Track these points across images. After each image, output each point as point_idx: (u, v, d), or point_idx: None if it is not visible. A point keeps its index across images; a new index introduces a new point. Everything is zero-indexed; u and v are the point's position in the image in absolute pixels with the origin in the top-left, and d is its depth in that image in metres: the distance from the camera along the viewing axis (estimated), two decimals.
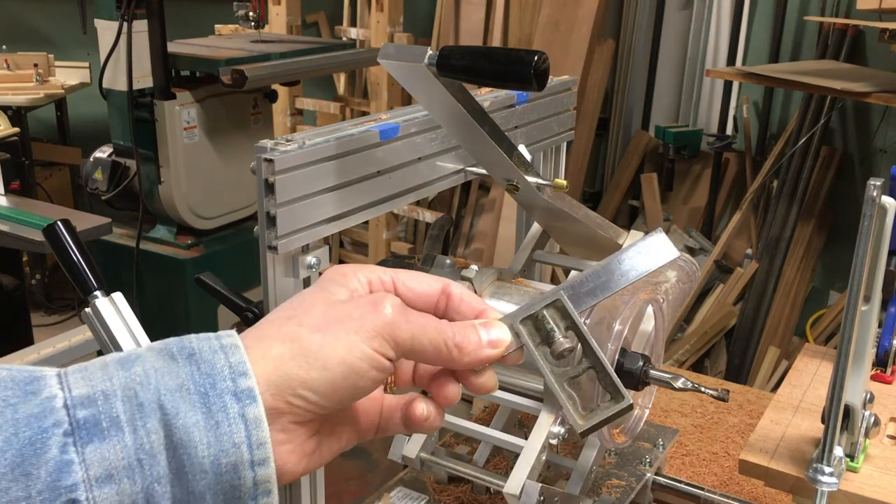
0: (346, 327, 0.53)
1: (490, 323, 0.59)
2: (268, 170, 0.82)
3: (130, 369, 0.49)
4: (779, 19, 3.85)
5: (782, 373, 3.58)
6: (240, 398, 0.49)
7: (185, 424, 0.48)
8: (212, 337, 0.52)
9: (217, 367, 0.50)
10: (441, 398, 0.60)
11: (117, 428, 0.47)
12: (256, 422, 0.49)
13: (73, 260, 0.92)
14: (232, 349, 0.51)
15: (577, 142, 3.96)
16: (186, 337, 0.52)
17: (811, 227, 3.78)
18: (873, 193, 0.81)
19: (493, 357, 0.59)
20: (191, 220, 3.27)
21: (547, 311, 0.60)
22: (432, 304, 0.60)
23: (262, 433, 0.49)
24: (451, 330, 0.57)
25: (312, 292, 0.57)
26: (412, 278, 0.60)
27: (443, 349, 0.56)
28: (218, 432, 0.48)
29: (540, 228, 1.18)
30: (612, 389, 0.59)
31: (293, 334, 0.53)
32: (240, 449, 0.49)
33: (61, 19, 4.46)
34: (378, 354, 0.54)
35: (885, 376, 1.12)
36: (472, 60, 0.80)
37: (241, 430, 0.49)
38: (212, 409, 0.49)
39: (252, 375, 0.50)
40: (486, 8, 4.30)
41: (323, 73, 4.24)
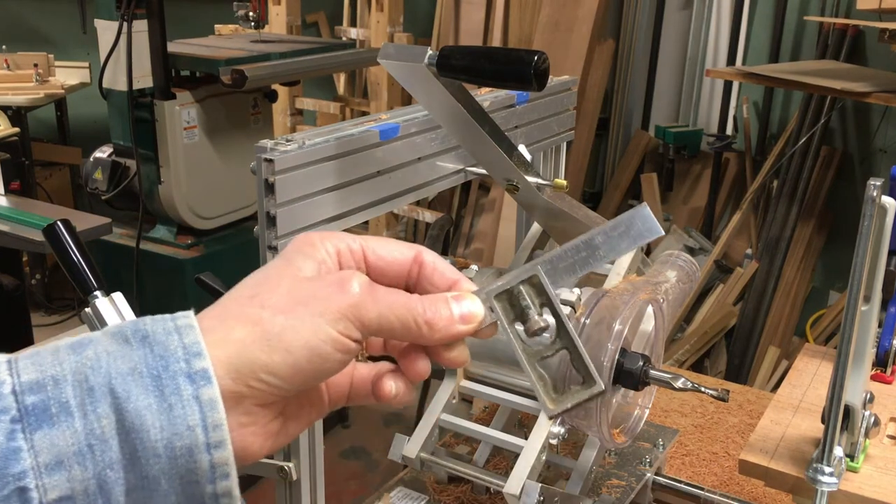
0: (310, 309, 0.51)
1: (462, 296, 0.57)
2: (268, 170, 0.82)
3: (82, 353, 0.48)
4: (779, 19, 3.85)
5: (782, 373, 3.58)
6: (193, 380, 0.48)
7: (136, 408, 0.47)
8: (168, 318, 0.50)
9: (170, 349, 0.48)
10: (411, 373, 0.58)
11: (67, 413, 0.46)
12: (211, 403, 0.48)
13: (73, 260, 0.92)
14: (186, 330, 0.49)
15: (577, 142, 3.96)
16: (142, 319, 0.51)
17: (811, 227, 3.78)
18: (873, 193, 0.81)
19: (464, 333, 0.57)
20: (191, 220, 3.27)
21: (523, 287, 0.58)
22: (404, 273, 0.58)
23: (217, 415, 0.48)
24: (422, 305, 0.55)
25: (278, 267, 0.55)
26: (383, 246, 0.58)
27: (412, 326, 0.54)
28: (171, 415, 0.47)
29: (540, 228, 1.18)
30: (584, 373, 0.58)
31: (255, 316, 0.51)
32: (194, 432, 0.47)
33: (61, 19, 4.46)
34: (343, 337, 0.52)
35: (885, 376, 1.12)
36: (472, 60, 0.80)
37: (196, 412, 0.47)
38: (164, 392, 0.47)
39: (207, 356, 0.49)
40: (486, 8, 4.31)
41: (323, 73, 4.24)
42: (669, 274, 1.10)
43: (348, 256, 0.57)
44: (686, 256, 1.15)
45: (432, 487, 1.18)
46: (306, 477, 0.95)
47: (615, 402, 0.99)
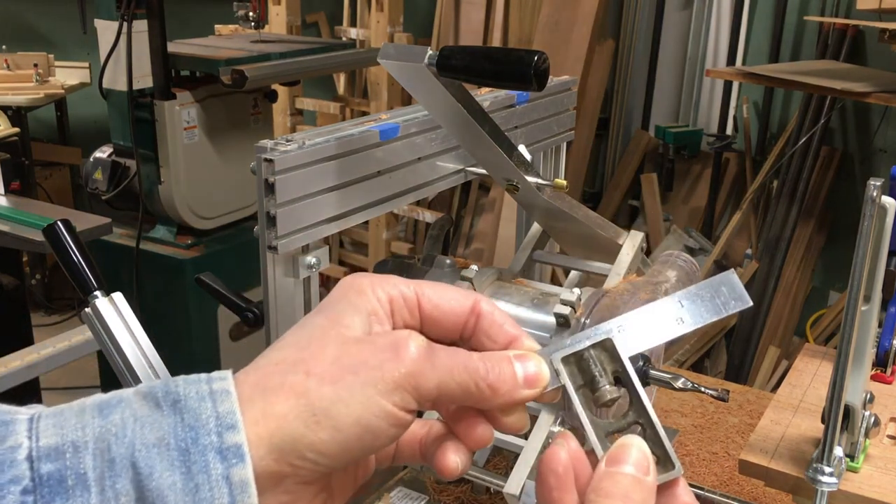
0: (361, 378, 0.46)
1: (527, 356, 0.51)
2: (268, 170, 0.82)
3: (108, 417, 0.44)
4: (779, 19, 3.85)
5: (782, 373, 3.58)
6: (225, 457, 0.43)
7: (158, 487, 0.42)
8: (202, 380, 0.46)
9: (202, 419, 0.44)
10: (471, 440, 0.52)
11: (83, 487, 0.42)
12: (242, 486, 0.43)
13: (73, 260, 0.92)
14: (222, 396, 0.45)
15: (577, 142, 3.96)
16: (175, 379, 0.46)
17: (811, 227, 3.78)
18: (873, 193, 0.81)
19: (528, 397, 0.51)
20: (191, 220, 3.27)
21: (594, 351, 0.52)
22: (460, 324, 0.53)
23: (248, 499, 0.43)
24: (484, 367, 0.49)
25: (324, 326, 0.49)
26: (439, 293, 0.52)
27: (473, 390, 0.49)
28: (197, 497, 0.43)
29: (540, 228, 1.18)
30: (660, 453, 0.50)
31: (300, 387, 0.46)
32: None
33: (61, 19, 4.46)
34: (398, 409, 0.47)
35: (885, 376, 1.12)
36: (472, 60, 0.80)
37: (225, 494, 0.43)
38: (192, 470, 0.43)
39: (241, 429, 0.44)
40: (486, 8, 4.30)
41: (323, 73, 4.24)
42: (669, 274, 1.10)
43: (401, 304, 0.52)
44: (686, 256, 1.15)
45: (432, 487, 1.18)
46: None
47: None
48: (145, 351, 0.90)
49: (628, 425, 0.52)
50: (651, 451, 0.50)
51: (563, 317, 0.93)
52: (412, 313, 0.52)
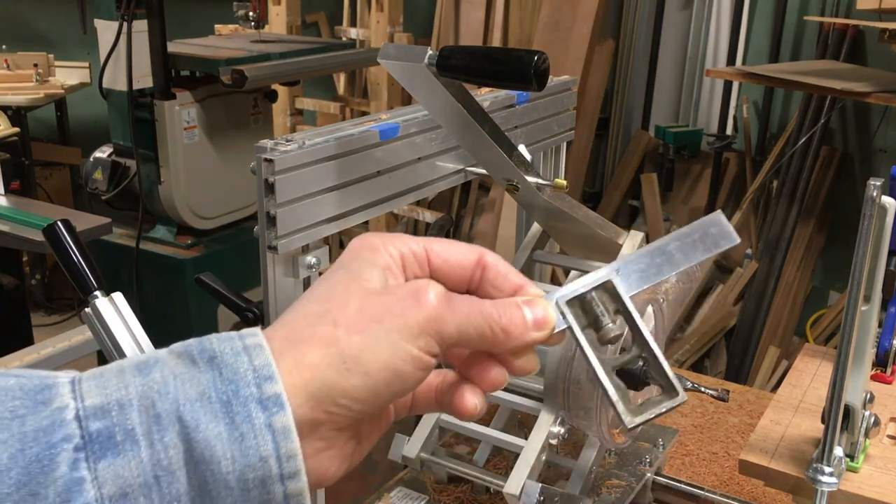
0: (386, 326, 0.49)
1: (534, 301, 0.54)
2: (268, 170, 0.82)
3: (148, 375, 0.46)
4: (779, 19, 3.85)
5: (782, 373, 3.58)
6: (266, 406, 0.45)
7: (206, 438, 0.44)
8: (234, 337, 0.48)
9: (240, 372, 0.46)
10: (486, 383, 0.54)
11: (133, 442, 0.44)
12: (285, 432, 0.46)
13: (73, 260, 0.92)
14: (256, 350, 0.47)
15: (577, 142, 3.96)
16: (207, 338, 0.48)
17: (811, 227, 3.78)
18: (873, 193, 0.81)
19: (538, 340, 0.53)
20: (191, 220, 3.27)
21: (596, 293, 0.55)
22: (467, 277, 0.55)
23: (291, 444, 0.46)
24: (497, 312, 0.52)
25: (344, 280, 0.52)
26: (446, 248, 0.55)
27: (488, 334, 0.52)
28: (243, 445, 0.45)
29: (540, 228, 1.18)
30: (664, 382, 0.54)
31: (329, 337, 0.48)
32: (267, 463, 0.45)
33: (61, 19, 4.46)
34: (423, 353, 0.49)
35: (885, 376, 1.12)
36: (472, 60, 0.80)
37: (269, 441, 0.45)
38: (235, 420, 0.45)
39: (279, 379, 0.46)
40: (486, 8, 4.30)
41: (323, 73, 4.24)
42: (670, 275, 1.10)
43: (412, 260, 0.54)
44: None
45: (432, 487, 1.18)
46: None
47: None
48: (145, 351, 0.90)
49: (633, 359, 0.55)
50: (655, 380, 0.55)
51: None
52: (422, 267, 0.54)
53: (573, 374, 0.92)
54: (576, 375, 0.92)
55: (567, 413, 0.97)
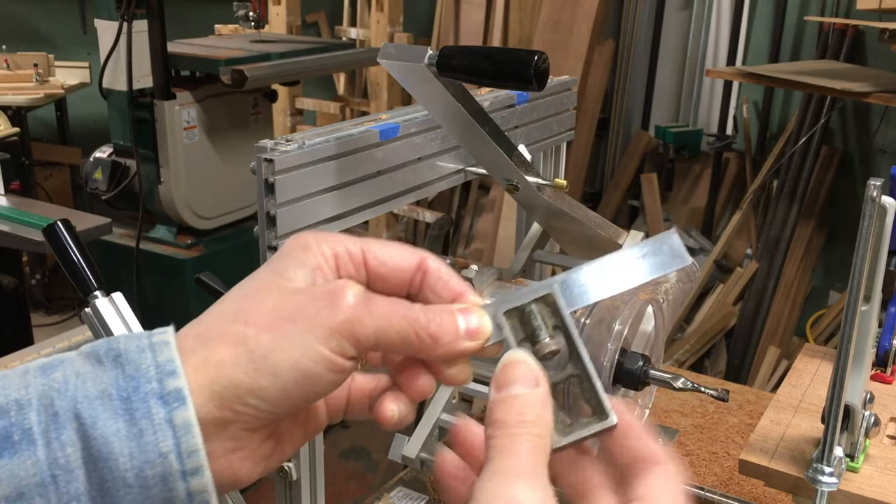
0: (299, 325, 0.47)
1: (470, 309, 0.52)
2: (268, 170, 0.82)
3: (50, 375, 0.45)
4: (779, 19, 3.85)
5: (782, 373, 3.58)
6: (166, 401, 0.45)
7: (103, 435, 0.43)
8: (143, 335, 0.47)
9: (142, 368, 0.45)
10: (411, 390, 0.53)
11: (30, 441, 0.43)
12: (186, 427, 0.44)
13: (73, 260, 0.92)
14: (161, 347, 0.46)
15: (577, 142, 3.96)
16: (116, 337, 0.48)
17: (811, 227, 3.78)
18: (873, 193, 0.81)
19: (469, 349, 0.51)
20: (191, 220, 3.27)
21: (535, 306, 0.53)
22: (407, 281, 0.53)
23: (192, 439, 0.45)
24: (425, 316, 0.50)
25: (266, 278, 0.50)
26: (385, 250, 0.53)
27: (413, 339, 0.49)
28: (141, 441, 0.44)
29: (540, 228, 1.18)
30: (595, 404, 0.52)
31: (239, 335, 0.47)
32: (167, 459, 0.44)
33: (61, 19, 4.46)
34: (336, 355, 0.48)
35: (885, 376, 1.12)
36: (472, 60, 0.80)
37: (169, 437, 0.44)
38: (135, 416, 0.44)
39: (181, 374, 0.45)
40: (486, 8, 4.31)
41: (323, 73, 4.24)
42: (669, 274, 1.10)
43: (347, 261, 0.52)
44: None
45: (432, 487, 1.18)
46: (306, 477, 0.95)
47: None
48: None
49: (567, 377, 0.53)
50: (587, 402, 0.52)
51: None
52: (358, 269, 0.53)
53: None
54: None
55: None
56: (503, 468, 0.46)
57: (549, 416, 0.49)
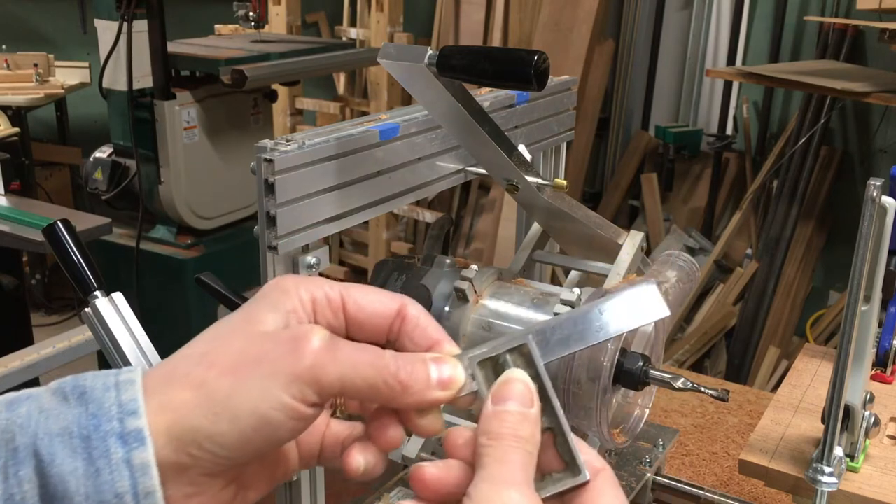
0: (261, 370, 0.46)
1: (443, 359, 0.51)
2: (268, 170, 0.82)
3: (15, 410, 0.45)
4: (779, 19, 3.85)
5: (782, 373, 3.58)
6: (126, 441, 0.44)
7: (60, 473, 0.43)
8: (111, 374, 0.47)
9: (105, 407, 0.45)
10: (381, 441, 0.52)
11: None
12: (143, 468, 0.44)
13: (73, 260, 0.92)
14: (126, 386, 0.46)
15: (577, 142, 3.96)
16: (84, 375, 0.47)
17: (811, 227, 3.78)
18: (873, 193, 0.81)
19: (441, 400, 0.51)
20: (191, 220, 3.27)
21: (510, 356, 0.52)
22: (385, 327, 0.53)
23: (150, 481, 0.44)
24: (395, 364, 0.49)
25: (236, 322, 0.50)
26: (364, 296, 0.53)
27: (382, 388, 0.49)
28: (98, 481, 0.43)
29: (540, 228, 1.18)
30: (568, 459, 0.51)
31: (201, 378, 0.46)
32: (123, 500, 0.44)
33: (61, 19, 4.46)
34: (297, 402, 0.47)
35: (885, 376, 1.12)
36: (472, 60, 0.80)
37: (125, 478, 0.44)
38: (92, 455, 0.44)
39: (143, 414, 0.45)
40: (486, 8, 4.31)
41: (323, 73, 4.24)
42: (669, 274, 1.10)
43: (325, 306, 0.52)
44: (686, 256, 1.15)
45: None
46: (306, 477, 0.95)
47: (615, 403, 0.99)
48: (145, 351, 0.90)
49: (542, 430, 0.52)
50: (560, 456, 0.51)
51: None
52: (336, 315, 0.52)
53: (573, 374, 0.92)
54: (576, 376, 0.92)
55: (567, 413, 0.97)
56: (497, 475, 0.47)
57: (538, 438, 0.49)
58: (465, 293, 0.99)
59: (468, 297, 0.99)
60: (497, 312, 1.00)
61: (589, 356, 0.91)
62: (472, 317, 1.00)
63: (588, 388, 0.92)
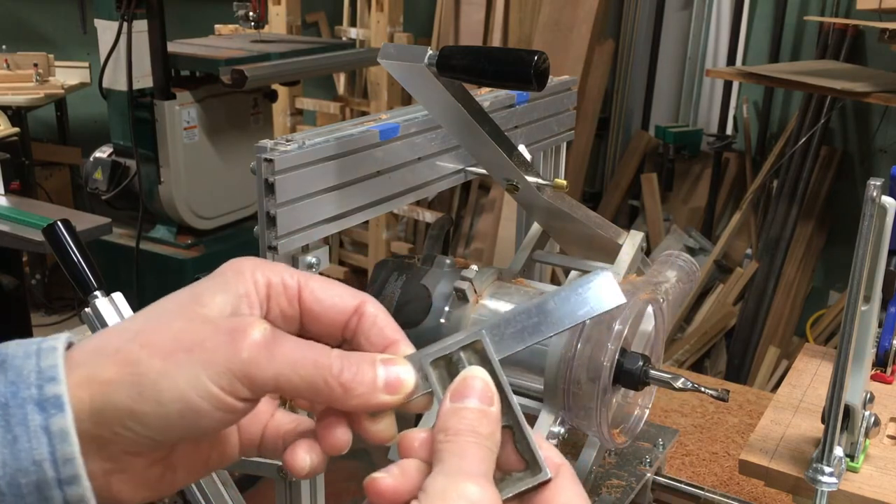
0: (192, 357, 0.45)
1: (393, 360, 0.49)
2: (268, 170, 0.82)
3: None
4: (779, 19, 3.85)
5: (782, 373, 3.58)
6: (44, 407, 0.43)
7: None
8: (34, 341, 0.46)
9: (23, 374, 0.44)
10: (326, 442, 0.50)
11: None
12: (62, 435, 0.43)
13: (73, 260, 0.92)
14: (47, 353, 0.45)
15: (577, 142, 3.96)
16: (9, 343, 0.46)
17: (811, 227, 3.78)
18: (873, 193, 0.81)
19: (388, 404, 0.49)
20: (191, 220, 3.27)
21: (464, 353, 0.50)
22: (341, 322, 0.51)
23: (69, 448, 0.43)
24: (339, 364, 0.48)
25: (181, 301, 0.49)
26: (324, 288, 0.51)
27: (322, 387, 0.47)
28: (15, 448, 0.43)
29: (540, 228, 1.18)
30: (528, 457, 0.49)
31: (131, 357, 0.45)
32: (41, 467, 0.43)
33: (61, 19, 4.46)
34: (225, 395, 0.46)
35: (885, 376, 1.12)
36: (472, 60, 0.80)
37: (44, 444, 0.43)
38: (10, 422, 0.43)
39: (62, 381, 0.44)
40: (486, 8, 4.31)
41: (323, 73, 4.24)
42: (669, 274, 1.10)
43: (280, 292, 0.51)
44: (686, 256, 1.15)
45: None
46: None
47: (615, 403, 0.99)
48: None
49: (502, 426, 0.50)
50: (520, 454, 0.50)
51: None
52: (291, 303, 0.51)
53: (573, 374, 0.92)
54: (576, 375, 0.92)
55: (567, 413, 0.97)
56: (455, 468, 0.45)
57: (499, 437, 0.48)
58: (465, 293, 0.99)
59: (468, 297, 0.99)
60: (497, 312, 1.00)
61: (589, 356, 0.91)
62: (472, 317, 1.00)
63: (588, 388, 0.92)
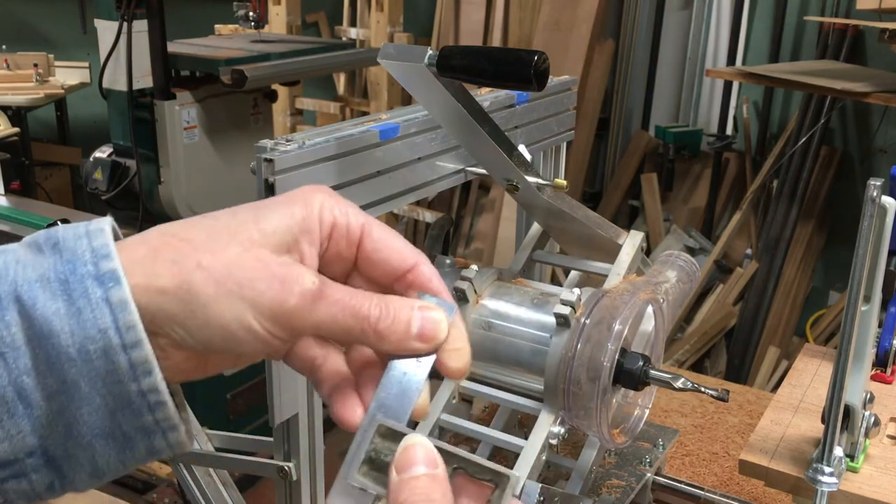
0: (242, 293, 0.48)
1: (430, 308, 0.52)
2: (268, 170, 0.82)
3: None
4: (779, 19, 3.85)
5: (782, 373, 3.58)
6: (102, 281, 0.47)
7: (43, 314, 0.46)
8: (82, 224, 0.49)
9: (78, 253, 0.47)
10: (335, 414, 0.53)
11: None
12: (122, 304, 0.46)
13: None
14: (96, 234, 0.48)
15: (577, 142, 3.96)
16: (56, 227, 0.50)
17: (811, 227, 3.78)
18: (873, 193, 0.81)
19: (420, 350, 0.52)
20: None
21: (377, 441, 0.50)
22: (393, 276, 0.53)
23: (129, 316, 0.47)
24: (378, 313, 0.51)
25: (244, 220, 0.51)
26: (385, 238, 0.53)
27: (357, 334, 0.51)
28: (80, 319, 0.46)
29: (540, 228, 1.18)
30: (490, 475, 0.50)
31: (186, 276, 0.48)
32: (106, 334, 0.46)
33: (61, 19, 4.46)
34: (267, 334, 0.49)
35: (885, 376, 1.12)
36: (472, 60, 0.80)
37: (106, 314, 0.46)
38: (72, 296, 0.46)
39: (115, 257, 0.47)
40: (486, 8, 4.31)
41: (323, 73, 4.24)
42: (669, 274, 1.10)
43: (342, 234, 0.52)
44: (686, 256, 1.15)
45: None
46: (306, 477, 0.95)
47: (615, 403, 0.99)
48: None
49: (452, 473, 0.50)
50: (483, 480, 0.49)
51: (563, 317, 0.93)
52: (350, 247, 0.53)
53: (573, 374, 0.92)
54: (576, 376, 0.92)
55: (567, 413, 0.97)
56: None
57: (451, 497, 0.48)
58: (465, 293, 0.99)
59: (468, 297, 0.99)
60: (497, 312, 1.00)
61: (589, 356, 0.91)
62: (473, 317, 1.00)
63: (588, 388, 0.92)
